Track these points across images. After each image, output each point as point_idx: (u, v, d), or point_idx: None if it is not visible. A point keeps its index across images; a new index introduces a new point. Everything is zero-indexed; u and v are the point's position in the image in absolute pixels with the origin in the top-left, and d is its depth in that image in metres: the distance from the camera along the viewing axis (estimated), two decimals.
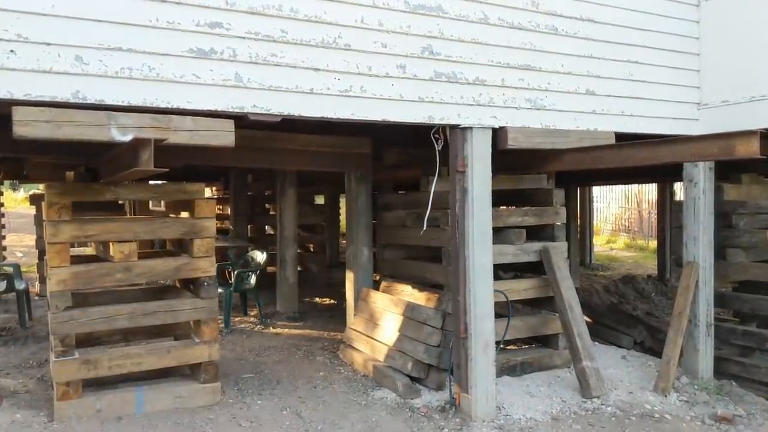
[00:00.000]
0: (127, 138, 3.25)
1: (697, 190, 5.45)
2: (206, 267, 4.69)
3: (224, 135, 3.54)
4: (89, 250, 7.51)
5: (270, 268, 8.77)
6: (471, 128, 4.40)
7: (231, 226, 10.01)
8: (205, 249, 4.68)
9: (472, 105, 4.39)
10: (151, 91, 3.47)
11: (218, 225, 12.27)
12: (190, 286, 4.94)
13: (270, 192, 10.01)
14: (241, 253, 8.42)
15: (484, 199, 4.46)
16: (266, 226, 10.58)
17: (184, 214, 5.13)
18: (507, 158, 5.24)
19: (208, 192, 13.66)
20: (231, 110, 3.66)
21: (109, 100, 3.38)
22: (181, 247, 4.99)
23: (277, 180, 8.12)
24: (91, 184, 4.55)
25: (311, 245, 11.20)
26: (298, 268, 9.82)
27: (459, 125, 4.40)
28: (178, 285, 5.38)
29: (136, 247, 4.52)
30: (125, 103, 3.41)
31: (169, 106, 3.51)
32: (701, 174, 5.42)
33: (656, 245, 12.30)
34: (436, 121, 4.31)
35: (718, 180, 5.64)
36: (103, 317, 4.44)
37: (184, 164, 5.09)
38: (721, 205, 5.75)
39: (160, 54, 3.48)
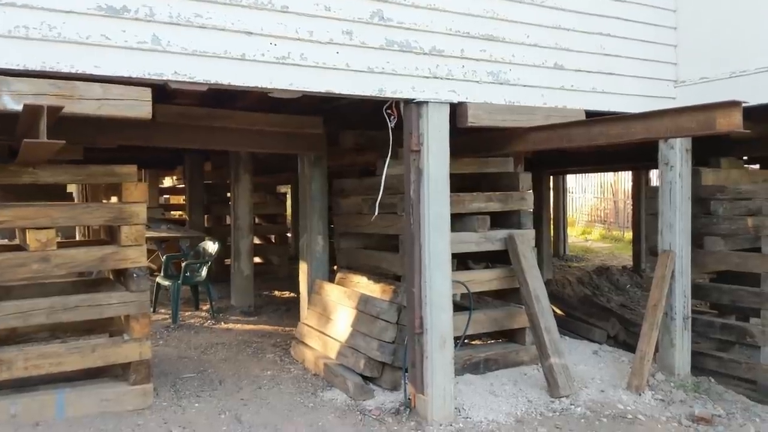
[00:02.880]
0: (21, 107, 2.78)
1: (673, 173, 5.11)
2: (136, 256, 4.24)
3: (140, 105, 3.10)
4: None
5: (227, 260, 8.32)
6: (426, 103, 3.99)
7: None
8: (134, 237, 4.22)
9: (428, 78, 3.98)
10: (51, 54, 3.02)
11: (179, 215, 11.79)
12: (121, 278, 4.48)
13: (229, 180, 9.53)
14: (194, 244, 7.94)
15: (441, 181, 4.06)
16: (224, 216, 10.09)
17: None
18: (468, 139, 4.86)
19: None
20: (148, 77, 3.20)
21: (2, 64, 2.93)
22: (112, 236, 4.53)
23: (231, 167, 7.64)
24: (5, 165, 4.05)
25: (272, 236, 10.72)
26: (258, 260, 9.40)
27: (413, 99, 3.99)
28: (111, 277, 4.91)
29: (54, 235, 4.04)
30: (21, 67, 2.96)
31: (74, 71, 3.06)
32: (677, 156, 5.09)
33: (632, 235, 12.07)
34: (388, 95, 3.89)
35: (695, 165, 5.33)
36: (17, 312, 3.95)
37: (115, 145, 4.64)
38: (699, 190, 5.44)
39: (62, 11, 3.03)
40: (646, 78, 4.96)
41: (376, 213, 4.50)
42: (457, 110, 4.13)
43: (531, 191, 5.22)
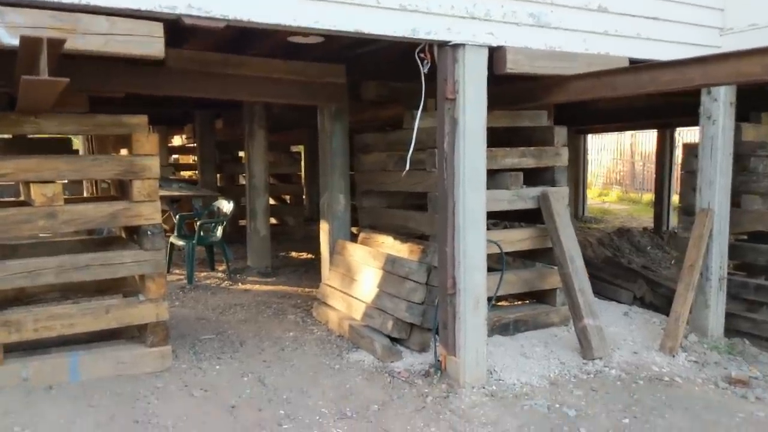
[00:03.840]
0: (17, 41, 2.50)
1: (715, 128, 4.82)
2: (149, 213, 4.00)
3: (151, 42, 2.83)
4: None
5: (242, 221, 8.10)
6: (463, 46, 3.68)
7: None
8: (147, 192, 3.97)
9: (465, 18, 3.66)
10: None
11: (189, 175, 11.55)
12: (134, 236, 4.26)
13: (241, 137, 9.25)
14: (207, 204, 7.70)
15: (478, 133, 3.78)
16: (237, 175, 9.82)
17: None
18: (500, 90, 4.53)
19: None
20: (159, 11, 2.90)
21: None
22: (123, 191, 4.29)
23: (245, 123, 7.34)
24: (6, 114, 3.79)
25: (287, 196, 10.46)
26: (274, 221, 9.18)
27: (449, 42, 3.68)
28: (123, 236, 4.70)
29: (61, 189, 3.80)
30: None
31: (77, 2, 2.75)
32: (720, 110, 4.79)
33: (652, 197, 11.79)
34: (422, 36, 3.58)
35: (735, 120, 5.02)
36: (24, 272, 3.74)
37: (123, 93, 4.36)
38: (738, 146, 5.14)
39: None
40: (690, 24, 4.62)
41: (407, 168, 4.23)
42: (494, 55, 3.83)
43: (566, 146, 4.93)
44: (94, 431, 3.27)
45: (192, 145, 10.81)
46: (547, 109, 5.05)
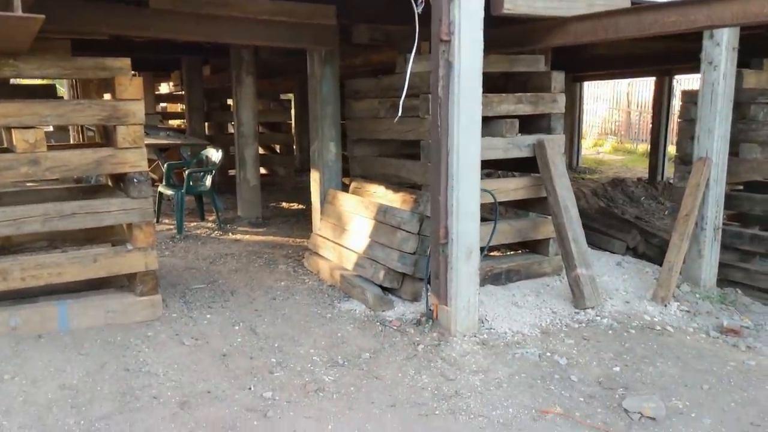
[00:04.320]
0: None
1: (716, 74, 4.69)
2: (135, 160, 3.89)
3: None
4: None
5: (231, 171, 7.97)
6: None
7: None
8: (132, 138, 3.84)
9: None
10: None
11: (177, 125, 11.33)
12: (121, 184, 4.16)
13: (230, 85, 9.02)
14: (195, 152, 7.55)
15: (474, 77, 3.65)
16: (226, 124, 9.63)
17: None
18: (496, 33, 4.38)
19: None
20: None
21: None
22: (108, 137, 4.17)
23: (233, 70, 7.12)
24: None
25: (277, 146, 10.30)
26: (264, 172, 9.05)
27: None
28: (110, 184, 4.59)
29: (43, 135, 3.67)
30: None
31: None
32: (723, 55, 4.65)
33: (648, 147, 11.70)
34: None
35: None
36: (8, 220, 3.66)
37: (106, 35, 4.19)
38: (739, 94, 5.02)
39: None
40: None
41: (399, 114, 4.11)
42: None
43: (563, 93, 4.80)
44: (84, 379, 3.24)
45: (179, 92, 10.57)
46: (544, 53, 4.90)
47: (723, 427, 2.97)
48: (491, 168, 5.56)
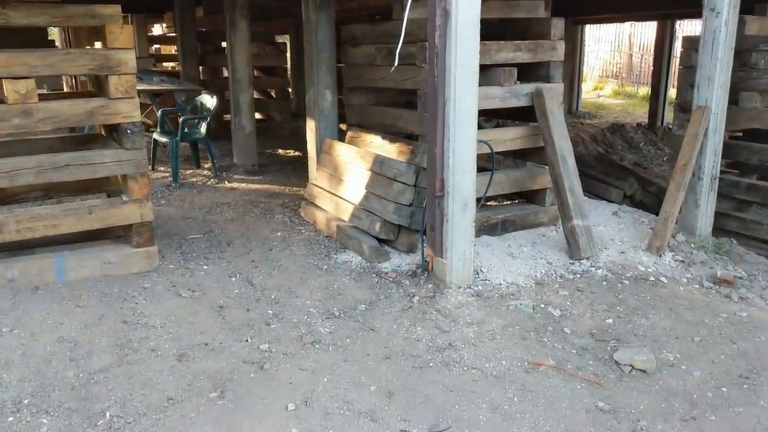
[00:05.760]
0: None
1: (718, 20, 4.55)
2: (128, 110, 3.82)
3: None
4: None
5: (227, 117, 7.86)
6: None
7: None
8: (124, 88, 3.77)
9: None
10: None
11: (171, 67, 11.11)
12: (114, 134, 4.10)
13: (224, 27, 8.79)
14: (190, 98, 7.43)
15: (472, 24, 3.55)
16: (221, 68, 9.44)
17: None
18: None
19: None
20: None
21: None
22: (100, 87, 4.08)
23: (227, 12, 6.92)
24: None
25: (272, 91, 10.12)
26: (259, 117, 8.94)
27: None
28: (103, 133, 4.53)
29: (34, 85, 3.60)
30: None
31: None
32: (726, 0, 4.51)
33: (649, 91, 11.53)
34: None
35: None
36: (1, 172, 3.63)
37: None
38: (740, 41, 4.90)
39: None
40: None
41: (396, 63, 4.01)
42: None
43: (563, 41, 4.68)
44: (82, 331, 3.29)
45: (173, 34, 10.30)
46: None
47: (712, 379, 3.03)
48: (490, 116, 5.47)
